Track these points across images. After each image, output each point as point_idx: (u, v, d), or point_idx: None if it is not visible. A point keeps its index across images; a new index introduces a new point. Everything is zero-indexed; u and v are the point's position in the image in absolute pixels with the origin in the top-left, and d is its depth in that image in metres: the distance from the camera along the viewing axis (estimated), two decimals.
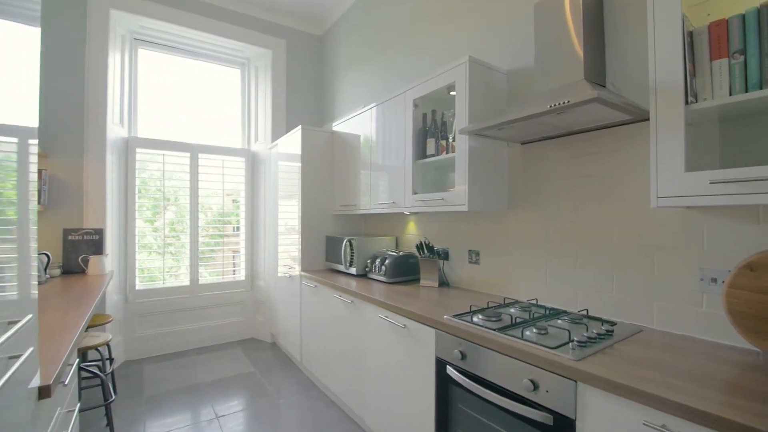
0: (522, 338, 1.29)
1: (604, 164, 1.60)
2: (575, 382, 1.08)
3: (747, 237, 1.22)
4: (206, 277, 3.82)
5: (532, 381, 1.19)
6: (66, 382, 1.18)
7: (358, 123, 2.78)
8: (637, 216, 1.49)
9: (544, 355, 1.16)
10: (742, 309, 1.18)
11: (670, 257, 1.40)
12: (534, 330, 1.34)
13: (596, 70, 1.54)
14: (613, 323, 1.46)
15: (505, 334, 1.34)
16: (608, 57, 1.58)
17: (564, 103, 1.24)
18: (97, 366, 2.34)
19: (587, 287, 1.65)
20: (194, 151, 3.65)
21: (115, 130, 3.20)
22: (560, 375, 1.12)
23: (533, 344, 1.24)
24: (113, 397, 2.19)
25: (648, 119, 1.43)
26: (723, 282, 1.27)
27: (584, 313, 1.60)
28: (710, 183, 1.05)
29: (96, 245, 2.97)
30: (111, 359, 2.65)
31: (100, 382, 2.14)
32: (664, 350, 1.20)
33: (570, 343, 1.22)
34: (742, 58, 1.09)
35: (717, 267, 1.28)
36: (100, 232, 2.99)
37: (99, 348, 2.35)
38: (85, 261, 2.88)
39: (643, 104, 1.43)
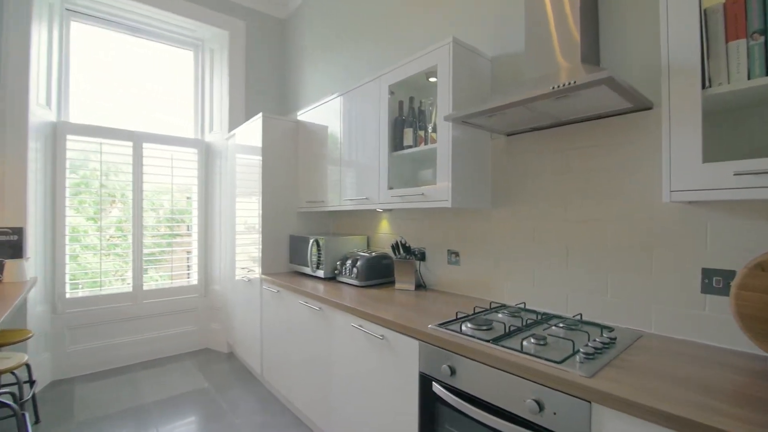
0: (521, 351, 1.13)
1: (597, 158, 1.49)
2: (589, 403, 0.94)
3: (755, 234, 1.14)
4: (154, 282, 3.42)
5: (536, 401, 1.03)
6: None
7: (326, 112, 2.55)
8: (634, 213, 1.39)
9: (551, 371, 1.01)
10: (753, 312, 1.09)
11: (670, 256, 1.30)
12: (532, 340, 1.19)
13: (592, 56, 1.43)
14: (610, 329, 1.34)
15: (501, 346, 1.19)
16: (602, 42, 1.47)
17: (570, 83, 1.10)
18: (11, 393, 1.94)
19: (579, 289, 1.53)
20: (138, 140, 3.24)
21: (39, 114, 2.75)
22: (570, 395, 0.97)
23: (535, 358, 1.08)
24: (29, 431, 1.82)
25: (648, 108, 1.34)
26: (729, 283, 1.19)
27: (578, 317, 1.48)
28: (734, 175, 0.94)
29: (14, 247, 2.52)
30: (32, 382, 2.25)
31: (13, 414, 1.77)
32: (676, 359, 1.09)
33: (576, 356, 1.08)
34: (762, 39, 0.99)
35: (722, 267, 1.20)
36: (19, 232, 2.54)
37: (15, 371, 1.96)
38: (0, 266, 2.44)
39: (644, 92, 1.33)
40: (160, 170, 3.36)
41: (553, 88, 1.14)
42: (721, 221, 1.20)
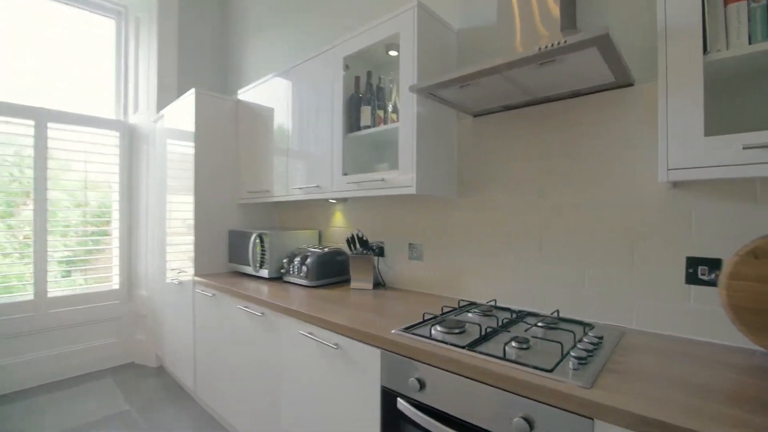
0: (504, 358, 0.96)
1: (573, 141, 1.36)
2: (592, 420, 0.78)
3: (742, 220, 1.05)
4: (69, 288, 2.88)
5: (525, 419, 0.86)
6: None
7: (272, 90, 2.25)
8: (613, 200, 1.27)
9: (542, 382, 0.84)
10: (746, 303, 1.00)
11: (652, 245, 1.20)
12: (514, 344, 1.02)
13: (570, 27, 1.29)
14: (591, 326, 1.22)
15: (479, 352, 1.00)
16: (579, 17, 1.35)
17: (560, 43, 0.93)
18: None
19: (554, 284, 1.40)
20: (41, 118, 2.71)
21: None
22: (568, 410, 0.80)
23: (521, 366, 0.91)
24: None
25: (630, 85, 1.23)
26: (716, 273, 1.10)
27: (556, 314, 1.35)
28: (744, 148, 0.83)
29: None
30: None
31: None
32: (669, 359, 0.97)
33: (568, 361, 0.92)
34: (764, 1, 0.89)
35: (708, 255, 1.11)
36: None
37: None
38: None
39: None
40: (70, 155, 2.85)
41: (540, 49, 0.97)
42: (707, 205, 1.11)
